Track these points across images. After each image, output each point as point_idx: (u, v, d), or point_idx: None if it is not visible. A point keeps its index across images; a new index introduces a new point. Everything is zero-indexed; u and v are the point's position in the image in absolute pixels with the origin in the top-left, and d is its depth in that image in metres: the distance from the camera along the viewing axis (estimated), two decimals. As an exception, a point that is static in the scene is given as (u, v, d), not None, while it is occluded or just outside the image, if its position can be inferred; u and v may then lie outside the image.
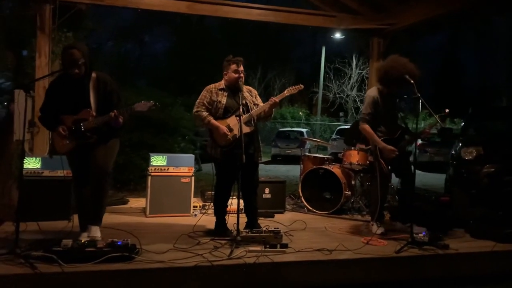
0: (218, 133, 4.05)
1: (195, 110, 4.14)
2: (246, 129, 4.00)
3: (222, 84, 4.19)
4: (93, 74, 3.74)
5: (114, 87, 3.82)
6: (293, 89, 4.15)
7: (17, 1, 5.92)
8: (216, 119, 4.07)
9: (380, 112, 4.42)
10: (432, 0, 5.76)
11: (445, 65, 33.55)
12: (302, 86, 4.19)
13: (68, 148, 3.72)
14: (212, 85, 4.22)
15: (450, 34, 29.52)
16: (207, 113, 4.08)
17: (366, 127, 4.38)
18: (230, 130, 4.03)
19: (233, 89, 4.12)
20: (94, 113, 3.69)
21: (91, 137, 3.70)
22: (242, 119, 3.90)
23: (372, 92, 4.51)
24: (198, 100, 4.16)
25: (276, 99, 4.08)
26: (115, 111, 3.62)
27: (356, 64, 22.20)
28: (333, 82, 23.24)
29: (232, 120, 4.05)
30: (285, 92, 4.17)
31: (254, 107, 4.15)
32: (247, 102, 4.13)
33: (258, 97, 4.31)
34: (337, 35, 21.83)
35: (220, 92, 4.14)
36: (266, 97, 4.36)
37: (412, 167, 4.44)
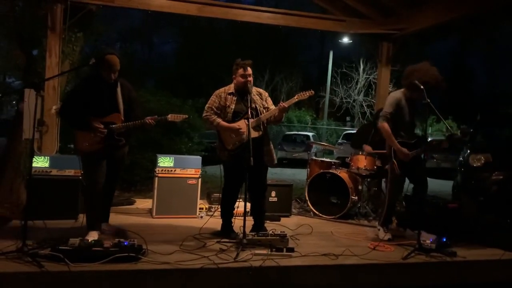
0: (227, 135, 4.05)
1: (204, 114, 4.15)
2: (254, 134, 3.96)
3: (231, 87, 4.17)
4: (119, 81, 3.92)
5: (135, 94, 4.09)
6: (303, 94, 4.06)
7: (28, 0, 5.96)
8: None
9: (402, 116, 4.35)
10: (442, 5, 5.73)
11: (455, 71, 33.34)
12: (313, 92, 4.09)
13: (95, 148, 3.83)
14: (222, 89, 4.21)
15: (460, 40, 29.32)
16: (216, 116, 4.08)
17: (385, 125, 4.28)
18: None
19: (242, 93, 4.09)
20: (123, 118, 3.89)
21: (120, 140, 3.90)
22: (250, 123, 3.88)
23: (396, 93, 4.45)
24: (207, 105, 4.16)
25: (286, 104, 4.02)
26: (155, 117, 3.91)
27: (364, 69, 22.13)
28: (340, 86, 23.19)
29: (241, 124, 4.03)
30: (295, 97, 4.09)
31: (264, 111, 4.13)
32: (257, 106, 4.10)
33: (269, 99, 4.28)
34: (345, 40, 21.78)
35: (229, 96, 4.13)
36: (273, 101, 4.33)
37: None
